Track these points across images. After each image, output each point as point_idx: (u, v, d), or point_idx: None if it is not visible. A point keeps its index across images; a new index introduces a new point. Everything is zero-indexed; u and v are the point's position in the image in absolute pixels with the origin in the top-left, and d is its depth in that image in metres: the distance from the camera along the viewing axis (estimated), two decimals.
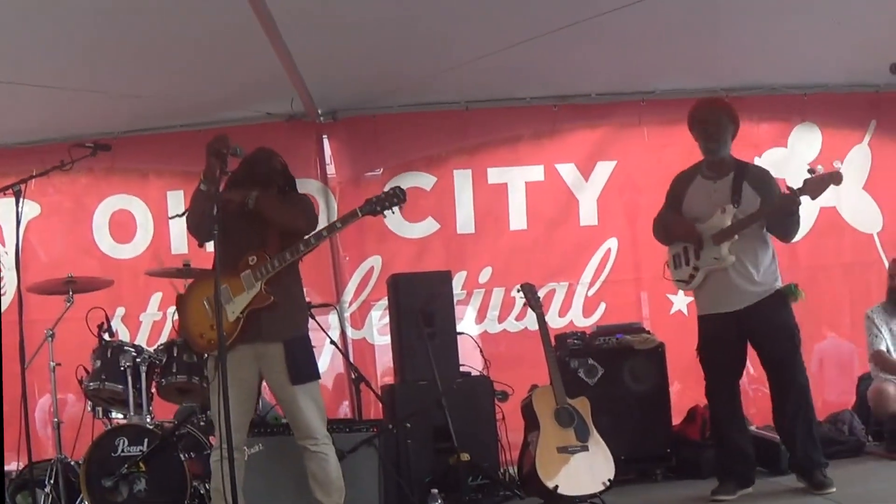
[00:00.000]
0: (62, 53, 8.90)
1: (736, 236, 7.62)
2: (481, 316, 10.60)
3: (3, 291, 11.42)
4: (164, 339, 10.66)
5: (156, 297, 10.95)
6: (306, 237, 6.66)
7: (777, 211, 7.67)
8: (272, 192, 6.88)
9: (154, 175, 11.26)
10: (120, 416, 8.74)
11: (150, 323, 10.99)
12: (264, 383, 7.00)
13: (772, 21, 8.99)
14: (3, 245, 11.55)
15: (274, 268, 6.53)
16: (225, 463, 6.26)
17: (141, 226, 11.14)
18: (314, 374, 6.79)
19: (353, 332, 10.64)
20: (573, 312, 10.63)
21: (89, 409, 8.79)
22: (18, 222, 7.68)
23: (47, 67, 9.18)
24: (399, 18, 8.53)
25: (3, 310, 11.26)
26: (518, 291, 8.44)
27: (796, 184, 7.61)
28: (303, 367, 6.65)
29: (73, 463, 8.71)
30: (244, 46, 8.66)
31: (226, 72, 9.42)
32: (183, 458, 7.85)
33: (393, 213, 6.76)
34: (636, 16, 8.33)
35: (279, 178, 7.01)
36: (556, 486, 7.51)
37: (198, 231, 6.84)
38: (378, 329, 10.66)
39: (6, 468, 10.46)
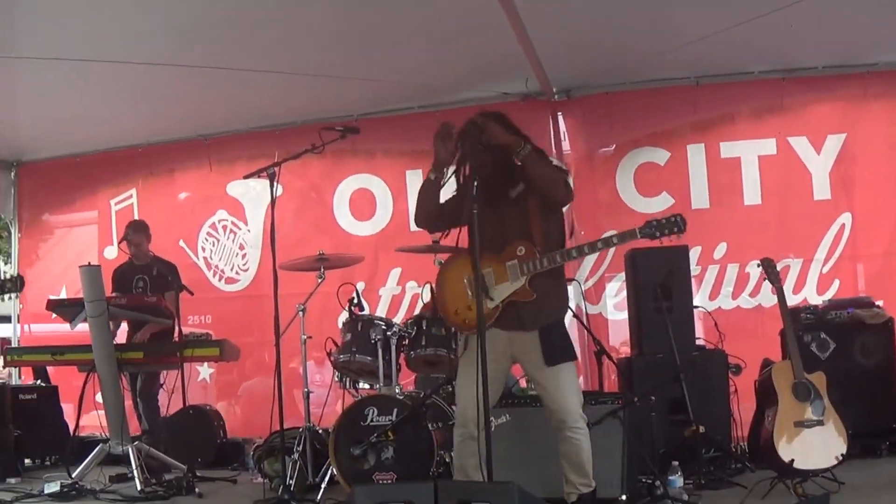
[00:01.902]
0: (304, 41, 9.29)
1: None
2: (715, 292, 10.54)
3: (246, 268, 11.89)
4: (402, 312, 10.98)
5: (395, 273, 11.38)
6: (580, 245, 6.67)
7: None
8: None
9: (392, 155, 11.75)
10: (366, 386, 9.05)
11: (390, 297, 11.43)
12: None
13: None
14: (246, 224, 12.01)
15: (542, 266, 6.45)
16: (466, 443, 6.51)
17: (381, 204, 11.59)
18: (570, 355, 6.71)
19: (588, 306, 10.65)
20: (807, 290, 10.43)
21: (336, 379, 9.07)
22: (273, 203, 7.94)
23: (288, 55, 9.57)
24: None
25: (245, 286, 11.86)
26: (758, 266, 8.41)
27: None
28: (558, 348, 6.59)
29: (320, 431, 9.07)
30: (484, 28, 8.89)
31: (465, 53, 9.68)
32: (431, 428, 8.06)
33: (671, 239, 6.54)
34: None
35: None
36: (793, 460, 7.52)
37: (427, 223, 6.95)
38: (613, 304, 10.79)
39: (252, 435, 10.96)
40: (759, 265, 8.32)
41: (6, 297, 7.24)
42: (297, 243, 10.72)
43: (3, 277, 7.16)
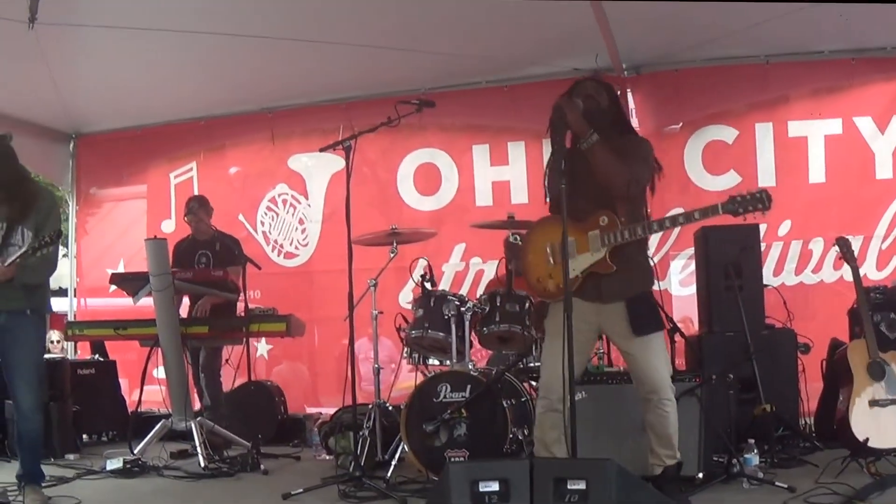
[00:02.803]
0: (373, 13, 9.32)
1: None
2: (779, 268, 10.48)
3: (306, 243, 11.89)
4: (465, 289, 10.95)
5: (459, 248, 11.40)
6: (661, 219, 6.59)
7: None
8: (611, 136, 6.60)
9: (459, 129, 11.69)
10: (436, 362, 8.99)
11: (453, 273, 11.42)
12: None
13: None
14: (307, 198, 12.01)
15: (624, 239, 6.40)
16: (548, 414, 6.51)
17: (446, 179, 11.60)
18: (658, 325, 6.71)
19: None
20: (867, 266, 10.30)
21: (405, 355, 9.00)
22: (349, 176, 7.92)
23: (357, 27, 9.59)
24: None
25: (304, 261, 11.86)
26: (833, 246, 8.39)
27: None
28: (646, 318, 6.58)
29: (390, 407, 9.08)
30: (560, 3, 8.85)
31: (536, 27, 9.65)
32: (505, 405, 7.99)
33: (754, 216, 6.42)
34: None
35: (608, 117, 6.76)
36: (867, 439, 7.51)
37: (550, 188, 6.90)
38: (678, 280, 10.76)
39: (321, 410, 10.98)
40: (834, 245, 8.33)
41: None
42: (359, 218, 10.68)
43: (46, 238, 7.13)
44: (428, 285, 8.93)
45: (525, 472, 5.35)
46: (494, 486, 5.34)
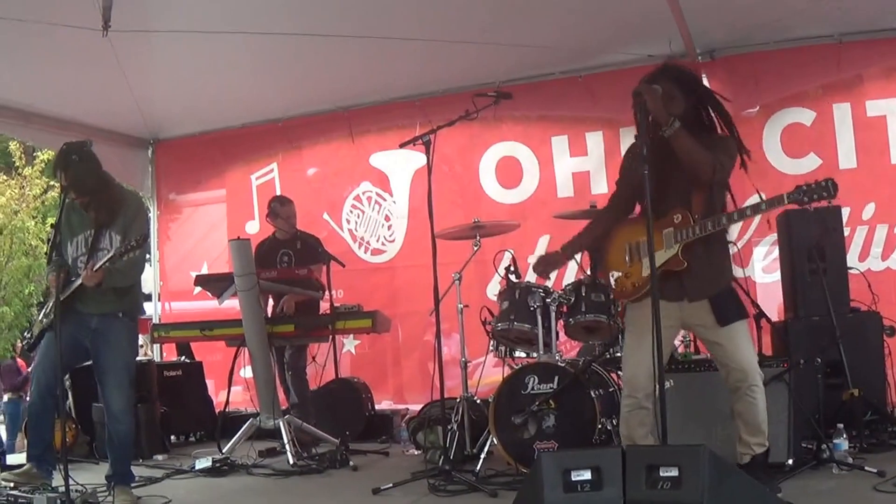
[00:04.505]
0: (446, 8, 9.41)
1: None
2: (865, 253, 10.31)
3: (392, 239, 11.94)
4: (551, 280, 10.91)
5: (543, 240, 11.36)
6: (730, 213, 6.58)
7: None
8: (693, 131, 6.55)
9: (535, 121, 11.71)
10: (522, 354, 9.02)
11: None
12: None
13: None
14: (392, 195, 12.05)
15: (694, 234, 6.44)
16: (635, 413, 6.55)
17: (527, 171, 11.62)
18: (743, 313, 6.70)
19: (737, 269, 10.50)
20: None
21: (492, 348, 9.04)
22: (430, 171, 7.95)
23: (430, 22, 9.67)
24: None
25: (392, 257, 11.90)
26: None
27: None
28: (730, 308, 6.60)
29: (478, 401, 9.11)
30: None
31: (608, 15, 9.72)
32: (593, 396, 7.99)
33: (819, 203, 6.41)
34: None
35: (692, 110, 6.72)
36: None
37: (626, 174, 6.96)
38: (761, 267, 10.66)
39: (410, 406, 11.02)
40: None
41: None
42: (442, 213, 10.69)
43: (132, 242, 7.24)
44: (513, 277, 8.94)
45: (617, 460, 5.35)
46: (587, 475, 5.33)
